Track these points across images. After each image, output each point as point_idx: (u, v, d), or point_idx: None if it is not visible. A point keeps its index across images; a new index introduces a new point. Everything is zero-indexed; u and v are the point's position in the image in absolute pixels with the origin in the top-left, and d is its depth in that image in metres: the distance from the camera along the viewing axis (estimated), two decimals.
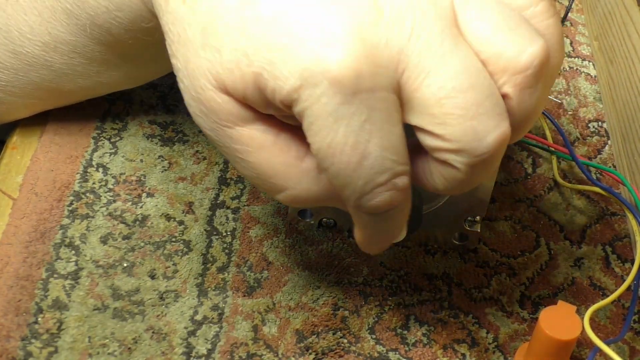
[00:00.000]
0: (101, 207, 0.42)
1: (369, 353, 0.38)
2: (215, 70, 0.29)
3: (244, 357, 0.37)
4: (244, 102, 0.30)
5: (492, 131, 0.28)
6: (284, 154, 0.31)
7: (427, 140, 0.29)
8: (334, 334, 0.38)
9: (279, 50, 0.28)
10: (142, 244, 0.41)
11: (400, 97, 0.28)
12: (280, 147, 0.31)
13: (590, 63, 0.55)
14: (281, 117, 0.31)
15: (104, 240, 0.41)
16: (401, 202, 0.29)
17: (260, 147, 0.31)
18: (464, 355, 0.38)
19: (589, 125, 0.51)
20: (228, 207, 0.43)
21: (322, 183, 0.31)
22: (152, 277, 0.40)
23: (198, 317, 0.38)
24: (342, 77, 0.27)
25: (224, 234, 0.42)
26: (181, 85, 0.31)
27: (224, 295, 0.39)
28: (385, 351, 0.38)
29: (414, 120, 0.28)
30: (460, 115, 0.27)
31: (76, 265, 0.40)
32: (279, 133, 0.31)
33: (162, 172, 0.45)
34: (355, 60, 0.27)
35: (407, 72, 0.27)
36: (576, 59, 0.55)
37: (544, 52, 0.28)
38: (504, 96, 0.29)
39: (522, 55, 0.28)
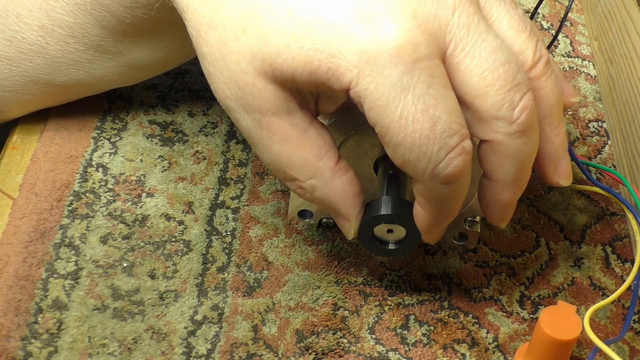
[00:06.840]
0: (101, 207, 0.42)
1: (368, 353, 0.38)
2: (261, 54, 0.30)
3: (243, 357, 0.37)
4: (287, 87, 0.31)
5: (523, 98, 0.31)
6: (306, 149, 0.32)
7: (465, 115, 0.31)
8: (333, 334, 0.38)
9: (333, 29, 0.29)
10: (142, 244, 0.41)
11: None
12: (303, 142, 0.32)
13: (590, 63, 0.55)
14: (317, 107, 0.33)
15: (103, 240, 0.41)
16: (468, 168, 0.31)
17: (286, 139, 0.32)
18: (464, 355, 0.38)
19: (589, 125, 0.51)
20: (228, 207, 0.43)
21: (328, 187, 0.33)
22: (152, 277, 0.40)
23: (198, 317, 0.38)
24: (402, 48, 0.28)
25: (224, 234, 0.42)
26: (210, 69, 0.32)
27: (224, 295, 0.39)
28: (385, 351, 0.38)
29: (456, 92, 0.30)
30: (501, 86, 0.30)
31: (76, 265, 0.40)
32: (306, 129, 0.32)
33: (162, 172, 0.45)
34: (411, 30, 0.29)
35: (453, 44, 0.30)
36: (576, 59, 0.55)
37: (547, 53, 0.33)
38: None
39: (537, 54, 0.32)
